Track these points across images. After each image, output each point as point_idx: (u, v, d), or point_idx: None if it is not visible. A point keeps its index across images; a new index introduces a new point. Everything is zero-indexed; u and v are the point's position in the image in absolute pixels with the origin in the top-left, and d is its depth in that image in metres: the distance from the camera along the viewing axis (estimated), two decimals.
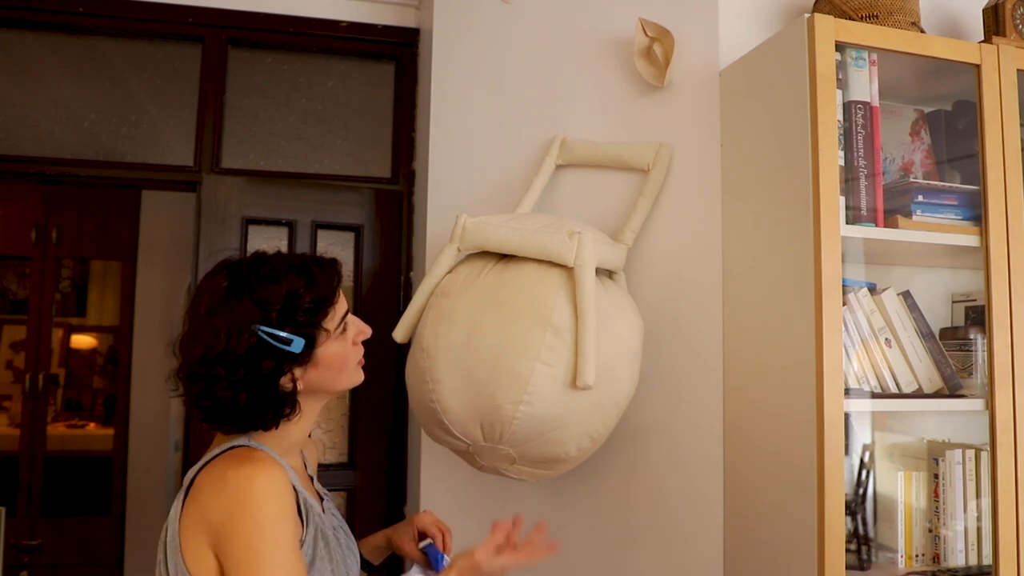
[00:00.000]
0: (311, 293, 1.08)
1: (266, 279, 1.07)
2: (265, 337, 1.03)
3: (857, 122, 1.56)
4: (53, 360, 4.24)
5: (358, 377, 1.18)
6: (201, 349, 1.03)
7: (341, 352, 1.13)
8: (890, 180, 1.70)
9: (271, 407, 1.07)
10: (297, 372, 1.08)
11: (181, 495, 1.04)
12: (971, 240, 1.60)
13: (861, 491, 1.65)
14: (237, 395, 1.03)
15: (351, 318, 1.16)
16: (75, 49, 2.22)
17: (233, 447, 1.06)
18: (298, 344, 1.06)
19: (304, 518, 1.06)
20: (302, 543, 1.03)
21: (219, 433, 1.12)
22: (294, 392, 1.08)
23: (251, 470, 0.98)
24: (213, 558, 0.98)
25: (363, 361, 1.18)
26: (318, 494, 1.21)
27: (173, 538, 1.02)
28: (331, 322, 1.11)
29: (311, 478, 1.24)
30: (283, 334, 1.05)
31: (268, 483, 0.97)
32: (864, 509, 1.63)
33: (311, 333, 1.08)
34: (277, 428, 1.09)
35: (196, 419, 1.09)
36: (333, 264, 1.15)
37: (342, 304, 1.14)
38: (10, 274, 4.44)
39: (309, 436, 1.33)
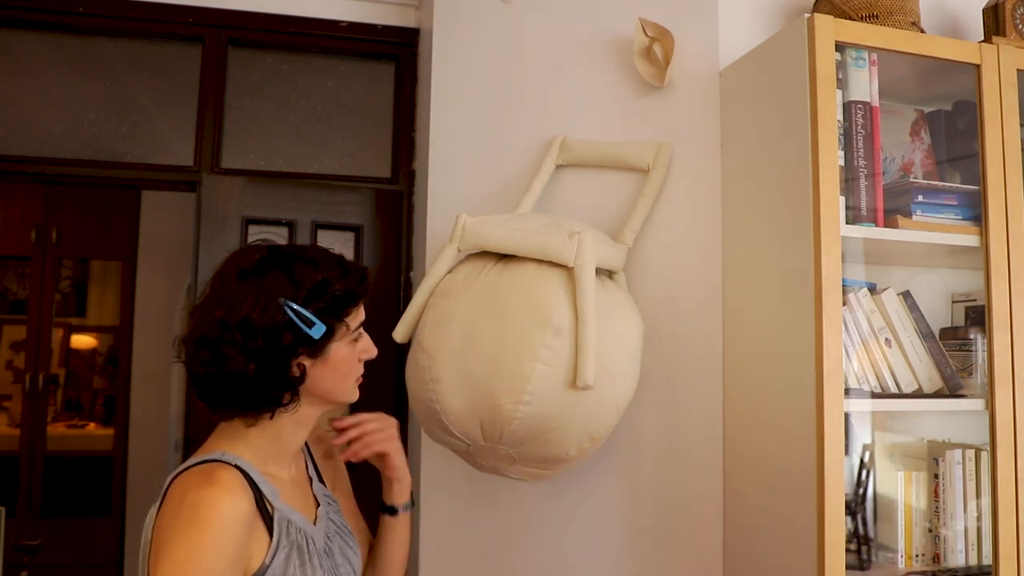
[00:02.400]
0: (344, 283, 1.09)
1: (305, 260, 1.08)
2: (290, 314, 1.03)
3: (857, 122, 1.56)
4: (53, 360, 4.25)
5: (354, 394, 1.17)
6: (223, 312, 1.02)
7: (349, 359, 1.13)
8: (890, 180, 1.70)
9: (275, 387, 1.05)
10: (307, 362, 1.08)
11: (157, 502, 1.04)
12: (971, 240, 1.60)
13: (861, 491, 1.65)
14: (248, 363, 1.02)
15: (364, 333, 1.16)
16: (75, 49, 2.22)
17: (207, 460, 1.05)
18: (319, 329, 1.05)
19: (274, 536, 1.04)
20: (269, 562, 1.02)
21: (213, 433, 1.12)
22: (301, 380, 1.08)
23: (207, 494, 0.97)
24: None
25: (361, 380, 1.17)
26: (315, 499, 1.19)
27: (145, 545, 1.03)
28: (353, 320, 1.12)
29: (311, 479, 1.23)
30: (308, 315, 1.05)
31: (217, 511, 0.96)
32: (864, 509, 1.63)
33: (333, 323, 1.08)
34: (272, 419, 1.08)
35: (195, 396, 1.08)
36: (366, 270, 1.16)
37: (362, 313, 1.15)
38: (10, 274, 4.44)
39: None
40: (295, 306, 1.04)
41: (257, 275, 1.05)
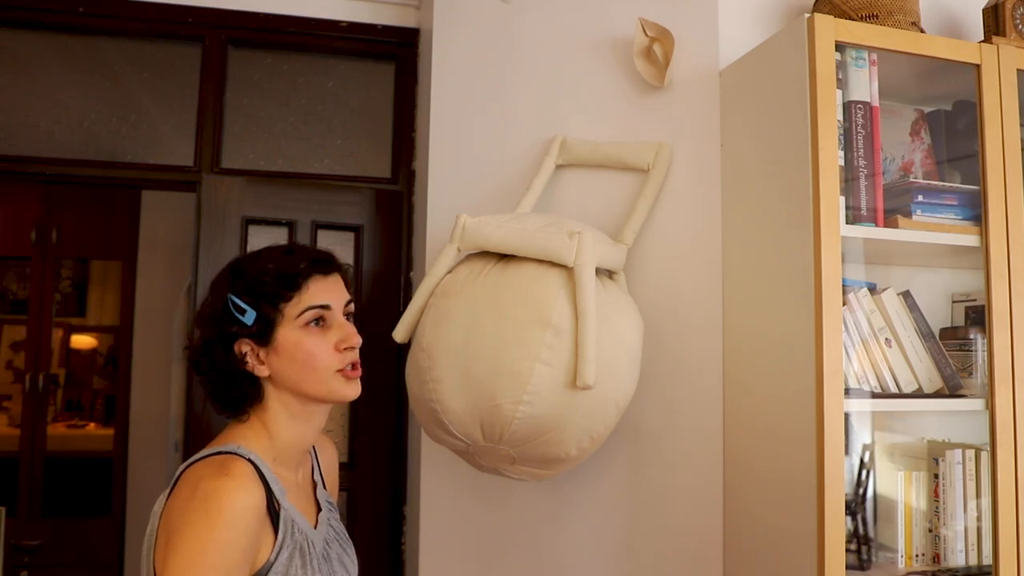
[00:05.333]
0: (277, 267, 1.10)
1: (254, 255, 1.14)
2: (230, 304, 1.08)
3: (857, 122, 1.56)
4: (53, 360, 4.25)
5: (345, 388, 1.11)
6: (196, 313, 1.15)
7: (303, 344, 1.08)
8: (890, 180, 1.70)
9: (235, 381, 1.09)
10: (261, 353, 1.09)
11: (167, 490, 1.04)
12: (971, 240, 1.60)
13: (861, 491, 1.65)
14: (206, 352, 1.10)
15: (339, 321, 1.11)
16: (75, 49, 2.22)
17: (221, 452, 1.05)
18: (250, 316, 1.07)
19: (280, 534, 1.04)
20: (274, 559, 1.02)
21: (226, 428, 1.12)
22: (255, 369, 1.09)
23: (222, 485, 0.97)
24: None
25: (353, 373, 1.12)
26: (317, 503, 1.19)
27: (151, 533, 1.03)
28: (293, 308, 1.08)
29: (315, 484, 1.22)
30: (240, 303, 1.07)
31: (230, 504, 0.96)
32: (864, 509, 1.64)
33: (265, 312, 1.07)
34: (266, 412, 1.10)
35: (195, 397, 1.13)
36: (323, 253, 1.15)
37: (317, 295, 1.10)
38: (10, 274, 4.44)
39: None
40: (231, 296, 1.08)
41: (219, 276, 1.14)
